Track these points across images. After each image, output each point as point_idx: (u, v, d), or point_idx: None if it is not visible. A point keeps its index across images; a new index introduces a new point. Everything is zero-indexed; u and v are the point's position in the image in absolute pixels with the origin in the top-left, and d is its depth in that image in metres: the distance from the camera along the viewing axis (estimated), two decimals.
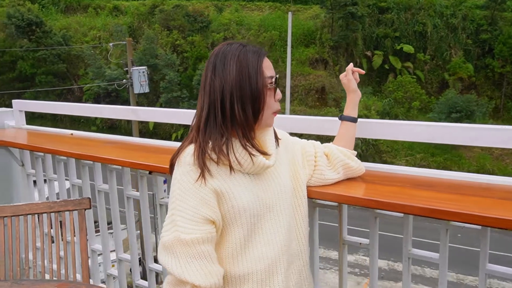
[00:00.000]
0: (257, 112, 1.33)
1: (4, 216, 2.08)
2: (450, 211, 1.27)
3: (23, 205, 2.11)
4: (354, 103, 1.68)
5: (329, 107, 26.71)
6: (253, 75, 1.32)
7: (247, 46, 1.36)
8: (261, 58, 1.35)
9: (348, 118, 1.67)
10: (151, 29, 30.11)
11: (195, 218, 1.29)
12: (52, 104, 2.98)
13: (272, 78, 1.37)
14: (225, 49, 1.35)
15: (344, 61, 29.23)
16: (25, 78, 29.13)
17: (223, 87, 1.31)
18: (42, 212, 2.11)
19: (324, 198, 1.50)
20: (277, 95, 1.40)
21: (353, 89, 1.69)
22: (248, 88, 1.31)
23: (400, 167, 1.66)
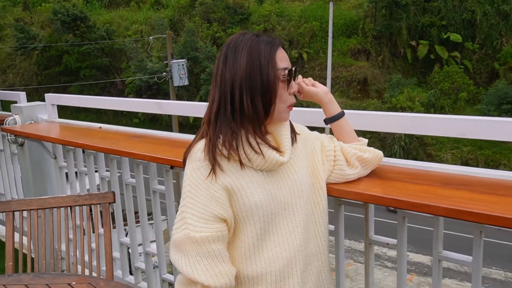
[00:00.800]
0: (268, 105, 1.26)
1: (31, 209, 2.09)
2: (482, 214, 1.16)
3: (49, 198, 2.12)
4: (328, 102, 1.51)
5: (371, 98, 26.21)
6: (265, 66, 1.24)
7: (261, 36, 1.29)
8: (274, 49, 1.27)
9: (332, 119, 1.52)
10: (191, 22, 30.38)
11: (205, 216, 1.24)
12: (82, 97, 3.01)
13: (286, 70, 1.29)
14: (238, 39, 1.29)
15: (387, 52, 28.56)
16: (70, 72, 30.07)
17: (233, 79, 1.25)
18: (67, 206, 2.12)
19: (346, 196, 1.41)
20: (291, 88, 1.32)
21: (317, 93, 1.49)
22: (259, 80, 1.24)
23: (427, 164, 1.54)
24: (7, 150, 3.64)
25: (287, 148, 1.31)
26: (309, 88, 1.50)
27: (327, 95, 1.51)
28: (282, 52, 1.30)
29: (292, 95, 1.33)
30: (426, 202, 1.25)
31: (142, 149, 2.15)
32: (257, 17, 30.42)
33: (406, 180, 1.45)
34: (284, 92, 1.30)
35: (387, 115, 1.62)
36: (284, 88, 1.30)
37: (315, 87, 1.51)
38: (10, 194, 3.76)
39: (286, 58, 1.31)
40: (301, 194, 1.35)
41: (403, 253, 1.62)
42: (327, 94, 1.51)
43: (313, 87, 1.51)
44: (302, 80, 1.51)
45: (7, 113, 3.41)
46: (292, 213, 1.33)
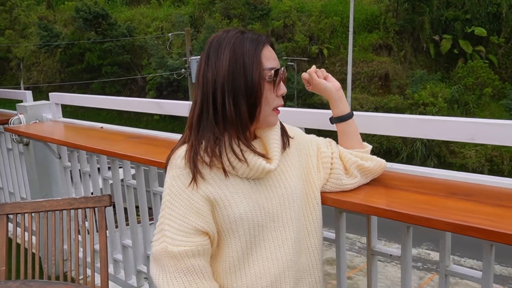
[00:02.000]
0: (253, 108, 1.16)
1: (25, 212, 2.04)
2: (489, 230, 1.04)
3: (44, 201, 2.06)
4: (337, 99, 1.41)
5: (393, 94, 25.76)
6: (249, 66, 1.14)
7: (246, 33, 1.19)
8: (259, 47, 1.17)
9: (339, 119, 1.42)
10: (211, 18, 30.34)
11: (185, 229, 1.15)
12: (84, 97, 2.96)
13: (272, 70, 1.18)
14: (221, 37, 1.19)
15: (409, 46, 28.04)
16: (92, 69, 30.36)
17: (215, 80, 1.15)
18: (62, 209, 2.06)
19: (342, 206, 1.31)
20: (279, 90, 1.21)
21: (327, 88, 1.40)
22: (242, 81, 1.14)
23: (433, 170, 1.42)
24: (16, 149, 3.63)
25: (275, 154, 1.21)
26: (320, 81, 1.39)
27: (338, 92, 1.40)
28: (269, 50, 1.20)
29: (280, 97, 1.22)
30: (428, 216, 1.13)
31: (137, 150, 2.08)
32: (277, 13, 30.16)
33: (410, 189, 1.33)
34: (270, 94, 1.19)
35: (390, 118, 1.50)
36: (271, 89, 1.19)
37: (327, 81, 1.39)
38: (19, 193, 3.75)
39: (273, 57, 1.20)
40: (292, 204, 1.25)
41: (408, 266, 1.51)
42: (338, 91, 1.40)
43: (325, 80, 1.39)
44: (314, 71, 1.41)
45: (12, 111, 3.38)
46: (281, 225, 1.22)
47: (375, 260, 1.60)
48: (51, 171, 3.16)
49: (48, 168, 3.15)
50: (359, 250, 13.02)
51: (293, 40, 28.88)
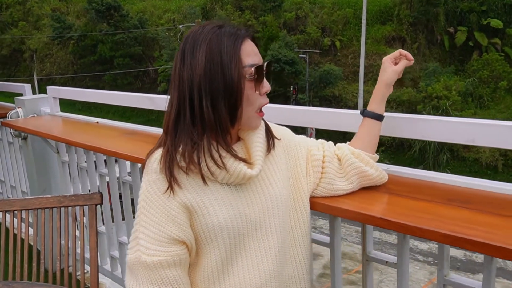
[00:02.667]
0: (233, 110, 1.07)
1: (14, 210, 1.99)
2: (486, 244, 0.95)
3: (33, 199, 2.01)
4: (383, 97, 1.34)
5: (406, 87, 25.45)
6: (227, 64, 1.04)
7: (224, 28, 1.08)
8: (238, 42, 1.06)
9: (372, 114, 1.33)
10: (223, 10, 30.22)
11: (160, 237, 1.07)
12: (81, 91, 2.90)
13: (253, 68, 1.08)
14: (197, 32, 1.09)
15: (423, 39, 27.67)
16: (104, 60, 30.47)
17: (191, 80, 1.05)
18: (52, 207, 2.01)
19: (331, 212, 1.23)
20: (262, 88, 1.11)
21: (392, 80, 1.34)
22: (221, 81, 1.04)
23: (432, 174, 1.33)
24: (16, 143, 3.59)
25: (257, 159, 1.13)
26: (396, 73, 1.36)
27: (388, 93, 1.36)
28: (249, 45, 1.10)
29: (264, 96, 1.13)
30: (421, 226, 1.04)
31: (130, 148, 2.02)
32: (289, 4, 29.93)
33: (405, 195, 1.24)
34: (252, 93, 1.09)
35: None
36: (252, 88, 1.09)
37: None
38: (21, 187, 3.72)
39: (254, 52, 1.10)
40: (276, 211, 1.16)
41: (405, 274, 1.42)
42: (389, 92, 1.36)
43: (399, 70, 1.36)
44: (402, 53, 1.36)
45: (11, 105, 3.35)
46: (265, 234, 1.14)
47: (370, 266, 1.52)
48: (50, 166, 3.11)
49: (46, 162, 3.10)
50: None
51: (305, 32, 28.65)
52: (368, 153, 1.28)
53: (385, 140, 23.40)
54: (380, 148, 23.38)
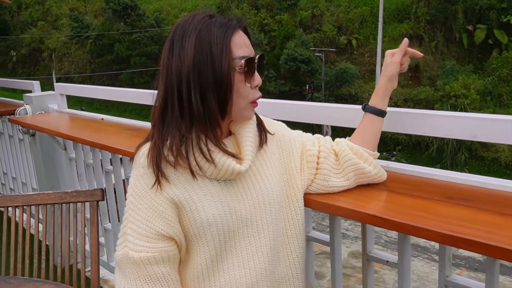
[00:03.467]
0: (223, 103, 1.03)
1: (16, 205, 1.99)
2: (485, 244, 0.89)
3: (35, 194, 2.01)
4: (386, 92, 1.28)
5: (423, 86, 25.15)
6: (216, 55, 1.00)
7: (215, 18, 1.05)
8: (229, 33, 1.02)
9: (374, 110, 1.28)
10: (239, 9, 30.21)
11: (147, 233, 1.05)
12: (87, 87, 2.90)
13: (243, 60, 1.04)
14: (186, 22, 1.05)
15: (441, 37, 27.29)
16: (121, 59, 30.71)
17: (180, 71, 1.02)
18: (53, 203, 2.00)
19: (326, 210, 1.18)
20: (253, 81, 1.07)
21: (393, 75, 1.27)
22: (210, 73, 1.00)
23: (431, 170, 1.28)
24: (26, 140, 3.61)
25: (247, 153, 1.09)
26: (397, 66, 1.28)
27: (391, 88, 1.29)
28: (240, 36, 1.05)
29: (255, 89, 1.09)
30: (417, 225, 0.99)
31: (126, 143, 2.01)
32: (305, 3, 29.79)
33: (404, 192, 1.19)
34: (243, 86, 1.05)
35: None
36: (243, 81, 1.05)
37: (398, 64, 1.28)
38: (31, 184, 3.74)
39: (245, 44, 1.06)
40: (268, 208, 1.12)
41: (406, 273, 1.37)
42: (393, 87, 1.29)
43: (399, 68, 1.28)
44: (406, 47, 1.29)
45: (20, 102, 3.36)
46: (256, 231, 1.11)
47: (371, 265, 1.48)
48: (58, 163, 3.12)
49: (54, 159, 3.11)
50: (385, 244, 12.81)
51: (321, 31, 28.50)
52: (368, 150, 1.23)
53: (402, 139, 23.15)
54: (397, 147, 23.16)
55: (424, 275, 11.50)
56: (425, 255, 12.90)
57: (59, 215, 2.01)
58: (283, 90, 26.47)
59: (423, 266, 12.09)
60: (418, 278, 11.40)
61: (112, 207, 2.72)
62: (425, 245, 13.09)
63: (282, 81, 26.95)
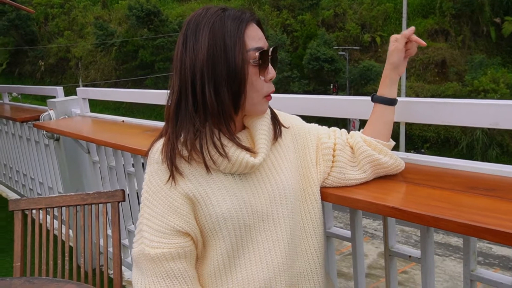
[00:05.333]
0: (237, 96, 1.02)
1: (40, 208, 2.02)
2: (509, 234, 0.86)
3: (57, 197, 2.03)
4: (392, 80, 1.25)
5: (450, 81, 24.67)
6: (230, 48, 0.99)
7: (228, 11, 1.04)
8: (242, 26, 1.01)
9: (382, 99, 1.25)
10: (261, 10, 30.23)
11: (163, 229, 1.04)
12: (108, 90, 2.93)
13: (257, 52, 1.02)
14: (199, 16, 1.04)
15: (468, 31, 26.73)
16: (145, 65, 31.13)
17: (193, 65, 1.01)
18: (76, 205, 2.02)
19: (343, 203, 1.15)
20: (267, 74, 1.06)
21: (397, 63, 1.23)
22: (224, 66, 0.99)
23: (453, 161, 1.23)
24: (51, 144, 3.68)
25: (262, 147, 1.07)
26: (401, 53, 1.23)
27: (397, 76, 1.25)
28: (254, 29, 1.04)
29: (269, 82, 1.08)
30: (437, 215, 0.95)
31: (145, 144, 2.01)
32: (327, 2, 29.63)
33: (424, 183, 1.15)
34: (257, 79, 1.04)
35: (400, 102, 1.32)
36: (257, 74, 1.04)
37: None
38: (57, 188, 3.81)
39: (259, 37, 1.05)
40: (284, 201, 1.10)
41: (429, 268, 1.33)
42: (399, 74, 1.25)
43: (404, 55, 1.24)
44: (410, 35, 1.22)
45: (44, 107, 3.43)
46: (272, 225, 1.09)
47: (394, 261, 1.44)
48: (82, 166, 3.16)
49: (78, 163, 3.15)
50: (415, 244, 12.60)
51: (344, 29, 28.29)
52: (381, 141, 1.20)
53: (430, 136, 22.76)
54: (425, 145, 22.77)
55: (457, 275, 11.25)
56: (457, 254, 12.62)
57: (81, 217, 2.03)
58: (307, 90, 26.35)
59: (455, 266, 11.83)
60: (450, 278, 11.16)
61: (135, 209, 2.74)
62: (456, 244, 12.81)
63: (306, 81, 26.85)
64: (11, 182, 4.71)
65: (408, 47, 1.24)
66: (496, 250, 12.98)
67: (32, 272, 2.00)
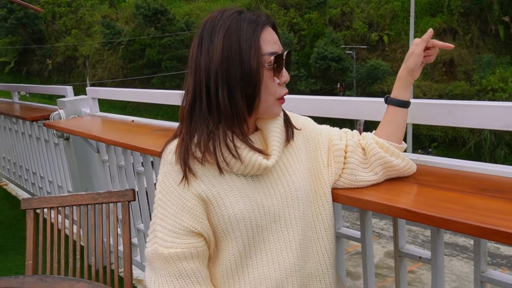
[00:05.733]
0: (251, 99, 1.03)
1: (51, 206, 2.04)
2: None
3: (69, 196, 2.06)
4: (406, 83, 1.24)
5: (458, 80, 24.54)
6: (245, 51, 1.01)
7: (244, 14, 1.05)
8: (258, 29, 1.03)
9: (396, 101, 1.24)
10: (268, 9, 30.21)
11: (176, 229, 1.06)
12: (117, 90, 2.95)
13: (272, 56, 1.04)
14: (215, 18, 1.05)
15: (476, 29, 26.56)
16: (152, 64, 31.22)
17: (208, 67, 1.02)
18: (87, 204, 2.04)
19: (354, 204, 1.16)
20: (281, 77, 1.07)
21: (413, 67, 1.22)
22: (238, 69, 1.01)
23: (464, 162, 1.23)
24: (61, 144, 3.71)
25: (274, 148, 1.09)
26: (419, 58, 1.21)
27: (412, 79, 1.23)
28: (269, 33, 1.06)
29: (283, 85, 1.09)
30: (448, 217, 0.96)
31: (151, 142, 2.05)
32: (334, 1, 29.56)
33: (434, 185, 1.16)
34: (271, 82, 1.06)
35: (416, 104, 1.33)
36: (271, 77, 1.05)
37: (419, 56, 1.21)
38: (67, 187, 3.84)
39: (274, 40, 1.06)
40: (296, 203, 1.11)
41: (440, 269, 1.33)
42: (413, 78, 1.23)
43: (421, 60, 1.22)
44: (429, 38, 1.21)
45: (54, 107, 3.45)
46: (284, 226, 1.10)
47: (403, 262, 1.44)
48: (91, 165, 3.19)
49: (88, 162, 3.18)
50: (422, 243, 12.56)
51: (351, 28, 28.21)
52: (394, 143, 1.20)
53: (437, 135, 22.66)
54: (432, 144, 22.67)
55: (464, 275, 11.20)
56: (464, 254, 12.57)
57: (92, 216, 2.05)
58: (314, 89, 26.33)
59: (462, 266, 11.77)
60: (457, 278, 11.11)
61: (144, 208, 2.76)
62: (464, 244, 12.75)
63: (313, 80, 26.82)
64: (20, 180, 4.75)
65: (430, 53, 1.23)
66: (504, 250, 12.91)
67: (44, 270, 2.03)
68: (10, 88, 5.05)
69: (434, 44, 1.22)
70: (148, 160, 2.50)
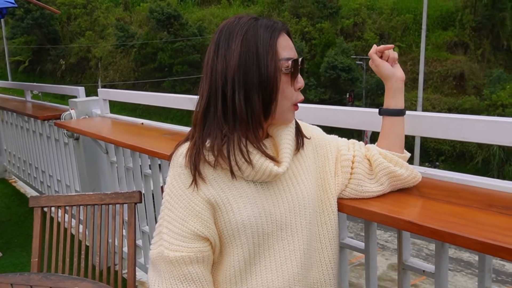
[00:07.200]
0: (267, 104, 1.05)
1: (58, 205, 2.06)
2: None
3: (76, 195, 2.08)
4: (396, 90, 1.25)
5: (468, 95, 24.42)
6: (263, 56, 1.02)
7: (260, 20, 1.07)
8: (275, 35, 1.05)
9: (389, 111, 1.26)
10: (280, 17, 30.28)
11: (183, 233, 1.06)
12: (128, 93, 2.98)
13: (289, 61, 1.06)
14: (232, 23, 1.07)
15: (488, 44, 26.45)
16: (164, 68, 31.39)
17: (225, 71, 1.03)
18: (94, 204, 2.06)
19: (359, 215, 1.16)
20: (297, 83, 1.09)
21: (388, 75, 1.24)
22: (256, 73, 1.02)
23: (471, 177, 1.24)
24: (71, 143, 3.74)
25: (285, 156, 1.10)
26: (382, 63, 1.24)
27: (398, 83, 1.24)
28: (285, 39, 1.08)
29: (298, 91, 1.11)
30: (453, 232, 0.96)
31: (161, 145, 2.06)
32: (346, 11, 29.60)
33: (441, 199, 1.16)
34: (288, 87, 1.07)
35: (410, 116, 1.33)
36: (288, 82, 1.07)
37: (392, 67, 1.25)
38: (74, 186, 3.87)
39: (290, 46, 1.08)
40: (303, 212, 1.12)
41: (443, 284, 1.33)
42: (398, 81, 1.25)
43: (389, 64, 1.25)
44: (380, 50, 1.25)
45: (65, 107, 3.49)
46: (290, 235, 1.11)
47: (407, 275, 1.44)
48: (100, 166, 3.21)
49: (96, 162, 3.20)
50: (426, 257, 12.47)
51: (363, 39, 28.20)
52: (396, 152, 1.21)
53: (445, 149, 22.52)
54: (440, 158, 22.53)
55: None
56: (469, 270, 12.45)
57: (98, 216, 2.06)
58: (323, 98, 26.31)
59: (466, 281, 11.68)
60: None
61: (150, 210, 2.77)
62: (468, 259, 12.64)
63: (322, 89, 26.81)
64: (29, 178, 4.79)
65: (385, 57, 1.26)
66: (509, 268, 12.77)
67: (49, 268, 2.04)
68: (23, 87, 5.11)
69: (379, 49, 1.26)
70: (156, 163, 2.52)
